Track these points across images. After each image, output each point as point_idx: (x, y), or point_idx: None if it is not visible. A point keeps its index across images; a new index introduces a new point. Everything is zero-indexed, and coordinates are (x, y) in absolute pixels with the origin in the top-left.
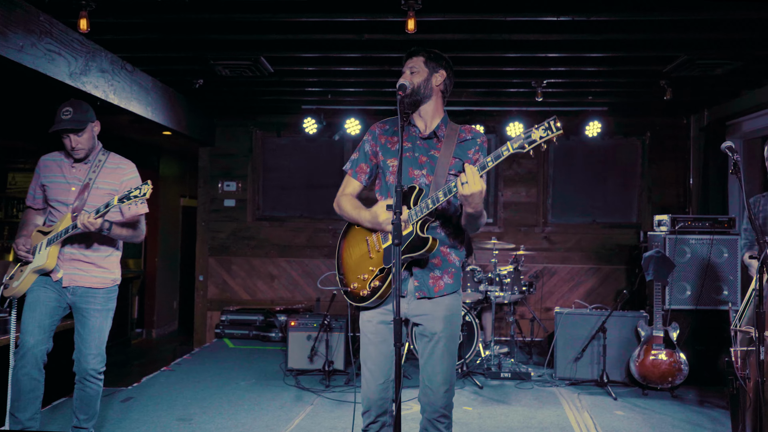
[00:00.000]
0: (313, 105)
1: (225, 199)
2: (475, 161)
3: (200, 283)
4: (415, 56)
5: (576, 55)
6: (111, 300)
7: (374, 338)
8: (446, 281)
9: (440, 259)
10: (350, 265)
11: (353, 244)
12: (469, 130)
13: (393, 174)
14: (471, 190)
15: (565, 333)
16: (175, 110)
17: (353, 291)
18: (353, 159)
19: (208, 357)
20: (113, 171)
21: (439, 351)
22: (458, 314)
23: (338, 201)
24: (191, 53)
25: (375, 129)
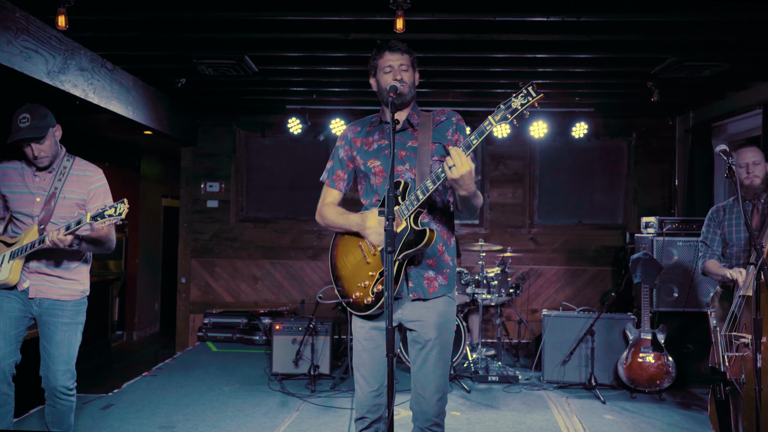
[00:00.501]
0: (298, 105)
1: (208, 200)
2: (455, 142)
3: (182, 286)
4: (403, 53)
5: (564, 55)
6: (80, 313)
7: (368, 345)
8: (440, 282)
9: (435, 259)
10: (347, 275)
11: (346, 253)
12: (442, 112)
13: (377, 175)
14: (460, 172)
15: (553, 336)
16: (157, 110)
17: (356, 301)
18: (329, 168)
19: (191, 361)
20: (80, 179)
21: (432, 359)
22: (452, 321)
23: (320, 212)
24: (173, 52)
25: (347, 133)
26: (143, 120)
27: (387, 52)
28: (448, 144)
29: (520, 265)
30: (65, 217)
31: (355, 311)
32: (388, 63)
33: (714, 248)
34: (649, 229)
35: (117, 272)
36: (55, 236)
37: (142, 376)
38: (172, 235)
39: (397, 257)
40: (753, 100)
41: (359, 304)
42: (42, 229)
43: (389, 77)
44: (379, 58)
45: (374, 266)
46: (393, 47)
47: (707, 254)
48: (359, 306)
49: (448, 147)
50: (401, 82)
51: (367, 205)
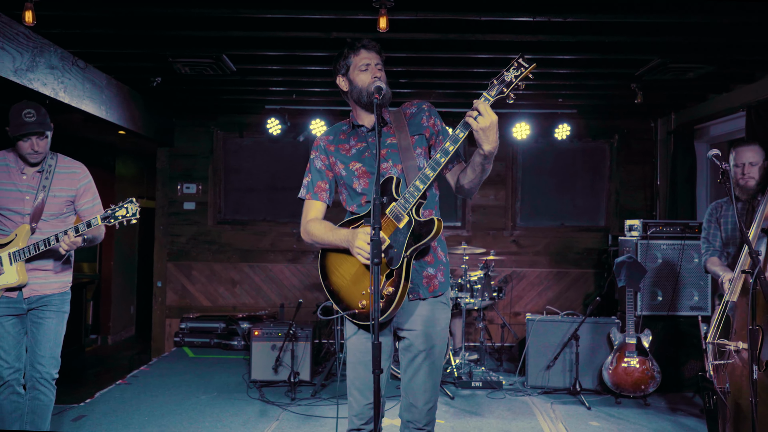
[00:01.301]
0: (277, 105)
1: (185, 202)
2: (432, 126)
3: (158, 290)
4: (378, 53)
5: (549, 56)
6: (66, 303)
7: (363, 357)
8: (439, 279)
9: (431, 255)
10: (347, 285)
11: (341, 264)
12: (410, 104)
13: (361, 177)
14: (490, 120)
15: (537, 340)
16: (131, 109)
17: (364, 311)
18: (307, 183)
19: (167, 368)
20: (67, 176)
21: (426, 367)
22: (446, 328)
23: (305, 229)
24: (149, 50)
25: (320, 143)
26: (117, 120)
27: (363, 50)
28: (426, 131)
29: (502, 267)
30: (55, 214)
31: (363, 322)
32: (364, 61)
33: (716, 245)
34: (632, 232)
35: (91, 275)
36: (69, 240)
37: (116, 385)
38: (148, 237)
39: (405, 253)
40: (736, 102)
41: (368, 313)
42: (34, 227)
43: (367, 75)
44: (354, 56)
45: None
46: (368, 45)
47: (709, 251)
48: (368, 316)
49: (474, 102)
50: (381, 81)
51: (356, 210)
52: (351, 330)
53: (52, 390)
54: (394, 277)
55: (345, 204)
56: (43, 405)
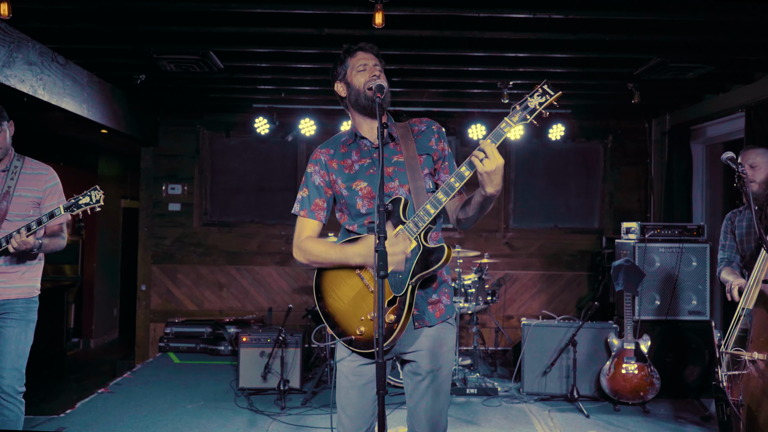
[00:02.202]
0: (265, 104)
1: (170, 203)
2: (441, 150)
3: (142, 293)
4: (376, 55)
5: (547, 55)
6: (31, 311)
7: (356, 380)
8: (445, 303)
9: (435, 279)
10: (345, 309)
11: (339, 285)
12: (419, 121)
13: (365, 198)
14: (495, 164)
15: (533, 346)
16: (114, 108)
17: (361, 338)
18: (303, 198)
19: (152, 375)
20: (34, 177)
21: (432, 391)
22: (453, 349)
23: (300, 248)
24: (132, 46)
25: (319, 156)
26: (99, 119)
27: (360, 51)
28: (435, 154)
29: (495, 270)
30: (20, 215)
31: (361, 350)
32: (362, 62)
33: (731, 255)
34: (630, 234)
35: (73, 277)
36: (19, 239)
37: (98, 393)
38: (132, 238)
39: (410, 280)
40: (734, 102)
41: (366, 340)
42: None
43: (364, 75)
44: (351, 59)
45: None
46: (365, 47)
47: (723, 261)
48: (367, 343)
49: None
50: (380, 79)
51: (357, 230)
52: (343, 352)
53: (18, 404)
54: (397, 305)
55: (343, 222)
56: (9, 421)
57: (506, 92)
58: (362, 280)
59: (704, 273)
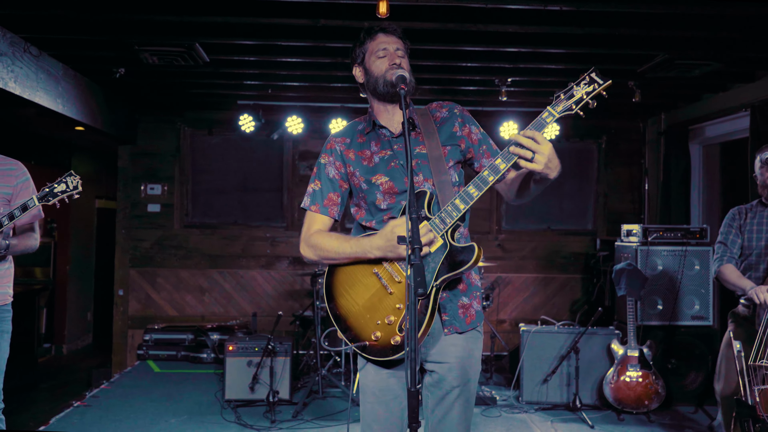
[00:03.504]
0: (251, 100)
1: (149, 204)
2: (467, 135)
3: (120, 298)
4: (398, 37)
5: (550, 51)
6: (4, 321)
7: (383, 396)
8: (476, 308)
9: (464, 281)
10: (359, 312)
11: (354, 284)
12: (439, 106)
13: (386, 193)
14: (546, 154)
15: (532, 353)
16: (90, 103)
17: (376, 344)
18: (315, 191)
19: (131, 386)
20: (4, 173)
21: (459, 406)
22: (479, 360)
23: (309, 243)
24: (112, 36)
25: (335, 146)
26: (74, 114)
27: (381, 33)
28: (461, 142)
29: (487, 273)
30: None
31: (376, 357)
32: (382, 45)
33: (733, 251)
34: (631, 237)
35: (44, 280)
36: None
37: (74, 407)
38: (107, 239)
39: (435, 282)
40: (736, 102)
41: (382, 347)
42: None
43: (384, 62)
44: (370, 41)
45: (401, 296)
46: (387, 29)
47: (725, 256)
48: (382, 350)
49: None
50: (402, 68)
51: (374, 227)
52: (364, 360)
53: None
54: (419, 308)
55: (359, 217)
56: None
57: (504, 89)
58: (380, 279)
59: (707, 277)
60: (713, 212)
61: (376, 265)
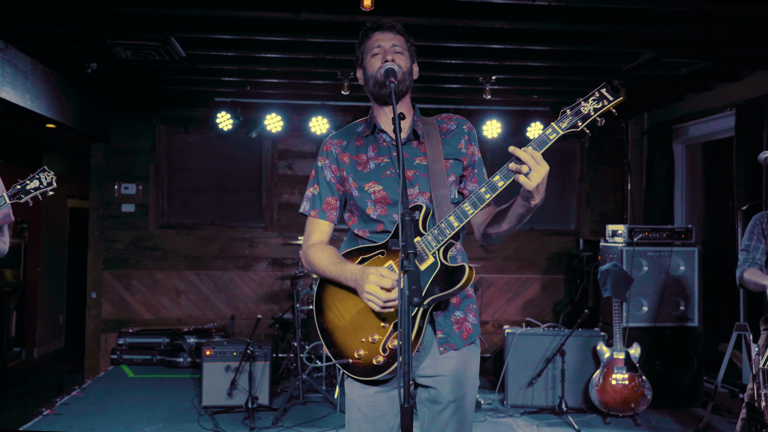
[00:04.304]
0: (228, 98)
1: (123, 204)
2: (471, 155)
3: (92, 301)
4: (396, 33)
5: (536, 47)
6: None
7: (370, 412)
8: (471, 321)
9: (459, 295)
10: (344, 328)
11: (341, 300)
12: (448, 118)
13: (378, 203)
14: (543, 173)
15: (517, 355)
16: (61, 99)
17: (360, 362)
18: (313, 196)
19: (104, 392)
20: None
21: (455, 423)
22: (477, 373)
23: (306, 255)
24: (83, 30)
25: (330, 148)
26: (44, 111)
27: (377, 32)
28: (464, 159)
29: None
30: None
31: (358, 376)
32: (376, 43)
33: (757, 257)
34: (616, 237)
35: (14, 282)
36: None
37: (43, 416)
38: (80, 240)
39: (422, 302)
40: (720, 101)
41: (364, 365)
42: None
43: (377, 60)
44: (367, 41)
45: (386, 315)
46: (383, 25)
47: (747, 262)
48: (364, 369)
49: (512, 150)
50: (394, 64)
51: (367, 236)
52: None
53: None
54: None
55: (352, 224)
56: None
57: (488, 87)
58: None
59: (693, 277)
60: (696, 212)
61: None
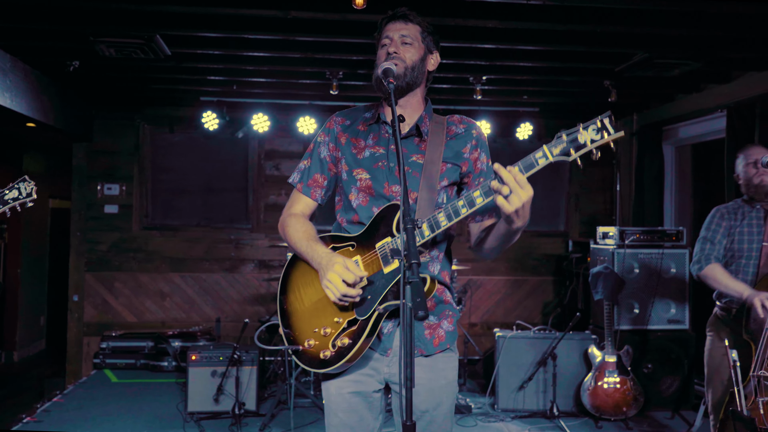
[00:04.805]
0: (214, 97)
1: (106, 205)
2: (474, 162)
3: (74, 304)
4: (408, 21)
5: (528, 48)
6: None
7: (347, 418)
8: (446, 328)
9: (434, 300)
10: (301, 312)
11: (306, 283)
12: (459, 120)
13: (361, 191)
14: (525, 198)
15: (508, 358)
16: (41, 98)
17: (309, 351)
18: (303, 168)
19: (86, 398)
20: None
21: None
22: (455, 381)
23: (283, 222)
24: (65, 26)
25: (332, 126)
26: (24, 110)
27: (390, 23)
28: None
29: (459, 276)
30: None
31: (304, 364)
32: (386, 34)
33: (720, 251)
34: (607, 240)
35: None
36: None
37: (23, 423)
38: (62, 240)
39: (378, 306)
40: (711, 103)
41: (312, 356)
42: None
43: (383, 53)
44: (378, 35)
45: (343, 311)
46: (397, 14)
47: (712, 255)
48: (312, 359)
49: (496, 168)
50: (395, 57)
51: (344, 226)
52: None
53: None
54: (355, 329)
55: (337, 208)
56: None
57: (479, 88)
58: None
59: (684, 280)
60: (685, 214)
61: None
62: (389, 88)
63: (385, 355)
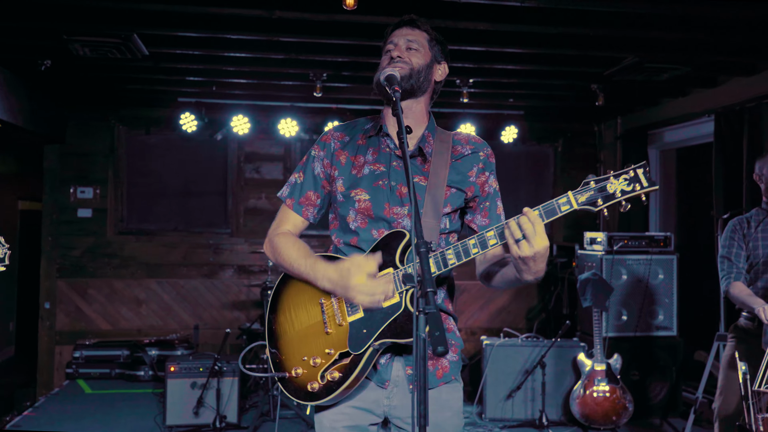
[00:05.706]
0: (193, 98)
1: (79, 209)
2: (480, 186)
3: (46, 312)
4: (415, 28)
5: (517, 51)
6: None
7: None
8: (450, 358)
9: None
10: (291, 335)
11: (298, 305)
12: (466, 139)
13: (360, 213)
14: (534, 249)
15: (495, 367)
16: (11, 98)
17: (295, 380)
18: (296, 184)
19: (59, 411)
20: None
21: None
22: (461, 412)
23: (272, 241)
24: (37, 24)
25: (329, 140)
26: None
27: (396, 29)
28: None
29: None
30: None
31: (290, 393)
32: (391, 40)
33: (740, 265)
34: (595, 245)
35: None
36: None
37: None
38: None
39: (374, 342)
40: (698, 107)
41: (298, 386)
42: None
43: (385, 58)
44: (386, 39)
45: (334, 341)
46: (404, 21)
47: (732, 273)
48: (297, 389)
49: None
50: (399, 62)
51: (341, 248)
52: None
53: None
54: (347, 362)
55: (332, 228)
56: None
57: (466, 90)
58: (322, 313)
59: (671, 286)
60: (669, 219)
61: (325, 294)
62: (394, 96)
63: (383, 386)
